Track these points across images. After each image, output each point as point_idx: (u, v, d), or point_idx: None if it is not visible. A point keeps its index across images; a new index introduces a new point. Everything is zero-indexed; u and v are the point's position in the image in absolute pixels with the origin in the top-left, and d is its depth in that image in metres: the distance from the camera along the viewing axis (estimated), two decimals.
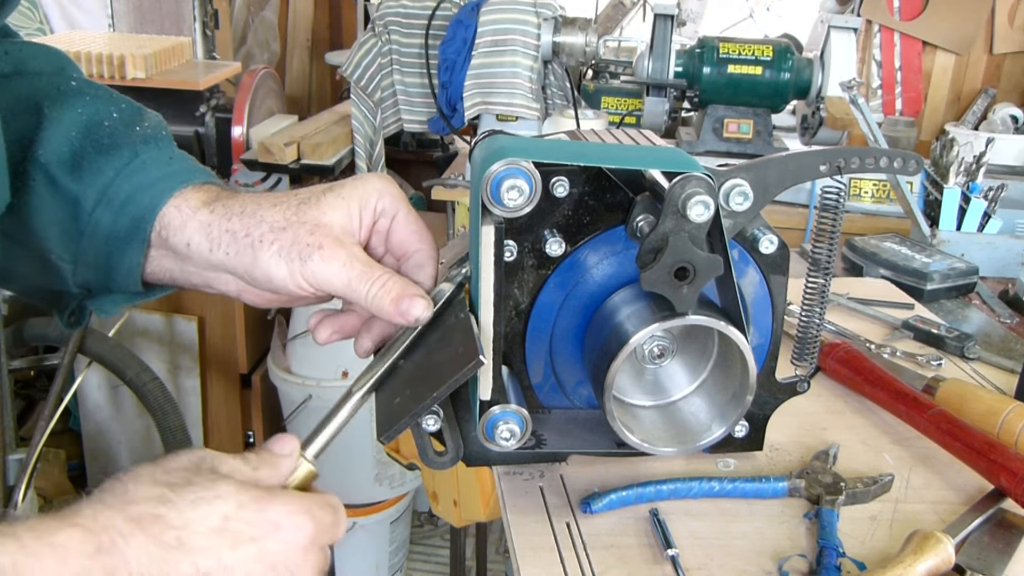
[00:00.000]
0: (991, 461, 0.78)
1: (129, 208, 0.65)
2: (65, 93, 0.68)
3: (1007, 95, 2.85)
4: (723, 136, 2.31)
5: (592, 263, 0.73)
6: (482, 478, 1.40)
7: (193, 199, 0.65)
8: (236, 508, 0.48)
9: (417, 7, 2.29)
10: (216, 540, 0.47)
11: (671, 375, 0.76)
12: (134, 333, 2.32)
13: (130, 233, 0.65)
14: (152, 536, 0.45)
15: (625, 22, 3.17)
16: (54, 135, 0.65)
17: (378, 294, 0.62)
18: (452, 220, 2.36)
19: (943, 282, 1.37)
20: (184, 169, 0.67)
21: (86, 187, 0.65)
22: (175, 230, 0.65)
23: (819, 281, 0.76)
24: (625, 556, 0.71)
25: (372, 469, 2.24)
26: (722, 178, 0.70)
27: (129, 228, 0.65)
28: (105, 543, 0.43)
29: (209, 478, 0.49)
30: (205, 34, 2.64)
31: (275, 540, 0.49)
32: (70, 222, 0.66)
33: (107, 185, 0.65)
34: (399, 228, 0.68)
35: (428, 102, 2.36)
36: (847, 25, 2.24)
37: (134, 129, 0.68)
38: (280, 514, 0.50)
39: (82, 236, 0.66)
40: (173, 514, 0.46)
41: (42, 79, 0.68)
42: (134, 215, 0.65)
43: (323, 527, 0.52)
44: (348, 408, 0.64)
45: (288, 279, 0.62)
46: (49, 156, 0.65)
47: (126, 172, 0.65)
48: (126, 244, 0.65)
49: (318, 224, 0.63)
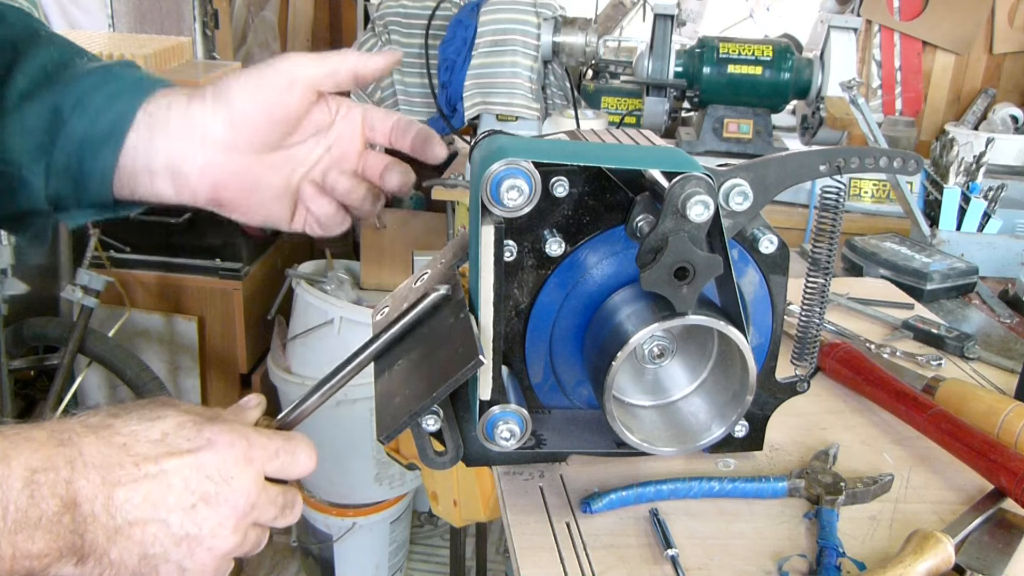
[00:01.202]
0: (991, 461, 0.78)
1: (108, 109, 0.67)
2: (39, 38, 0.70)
3: (1007, 95, 2.85)
4: (723, 136, 2.31)
5: (592, 263, 0.73)
6: (482, 478, 1.40)
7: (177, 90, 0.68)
8: (176, 426, 0.57)
9: (417, 7, 2.30)
10: (156, 448, 0.55)
11: (671, 375, 0.76)
12: (134, 333, 2.32)
13: (107, 133, 0.66)
14: (103, 438, 0.54)
15: (625, 22, 3.17)
16: (30, 65, 0.67)
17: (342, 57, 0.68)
18: (452, 220, 2.36)
19: (943, 282, 1.37)
20: (156, 80, 0.70)
21: (62, 96, 0.67)
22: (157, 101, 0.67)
23: (819, 281, 0.76)
24: (625, 556, 0.71)
25: (372, 469, 2.24)
26: (722, 178, 0.70)
27: (107, 128, 0.66)
28: (65, 439, 0.53)
29: (159, 406, 0.58)
30: (205, 34, 2.64)
31: (209, 453, 0.57)
32: (45, 132, 0.67)
33: (83, 93, 0.67)
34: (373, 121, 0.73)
35: (428, 102, 2.36)
36: (847, 25, 2.24)
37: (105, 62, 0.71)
38: (214, 432, 0.57)
39: (55, 144, 0.67)
40: (119, 423, 0.56)
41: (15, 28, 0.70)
42: (113, 112, 0.66)
43: (259, 447, 0.59)
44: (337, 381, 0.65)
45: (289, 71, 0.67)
46: (26, 77, 0.67)
47: (103, 80, 0.67)
48: (101, 146, 0.67)
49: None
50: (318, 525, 2.32)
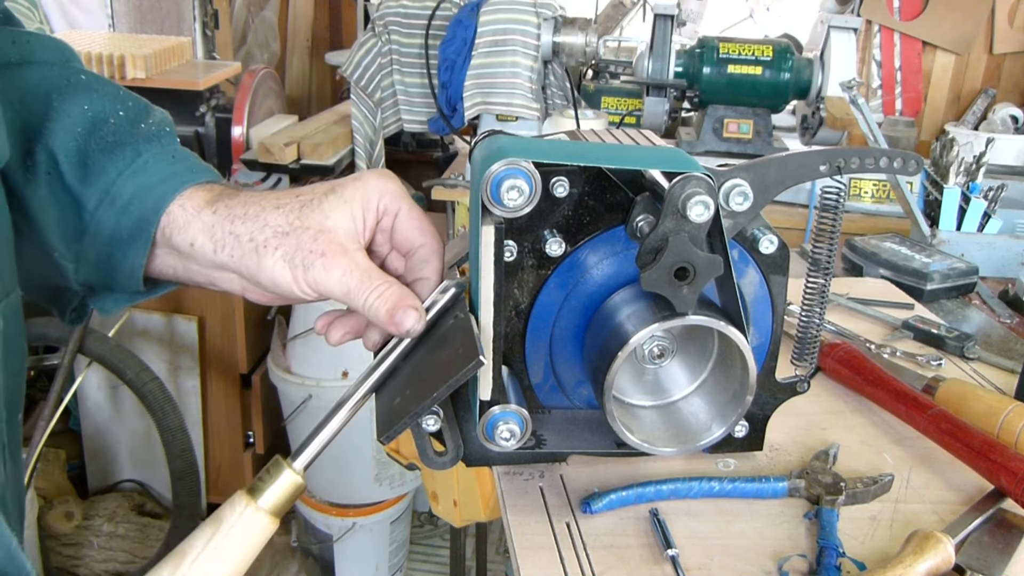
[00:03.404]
0: (991, 461, 0.78)
1: (132, 209, 0.65)
2: (74, 85, 0.68)
3: (1007, 95, 2.85)
4: (723, 136, 2.31)
5: (592, 263, 0.73)
6: (482, 478, 1.40)
7: (196, 198, 0.66)
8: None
9: (417, 7, 2.30)
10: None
11: (671, 375, 0.76)
12: (134, 333, 2.32)
13: (133, 234, 0.65)
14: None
15: (625, 22, 3.17)
16: (61, 129, 0.65)
17: (375, 304, 0.63)
18: (452, 220, 2.36)
19: (943, 282, 1.37)
20: (187, 168, 0.68)
21: (88, 187, 0.65)
22: (178, 229, 0.65)
23: (819, 281, 0.76)
24: (625, 556, 0.71)
25: (372, 469, 2.24)
26: (722, 178, 0.70)
27: (132, 229, 0.65)
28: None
29: None
30: (205, 34, 2.64)
31: None
32: (72, 221, 0.66)
33: (109, 185, 0.65)
34: (402, 225, 0.68)
35: (428, 102, 2.37)
36: (847, 25, 2.24)
37: (139, 127, 0.68)
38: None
39: (84, 236, 0.66)
40: None
41: (52, 69, 0.68)
42: (137, 216, 0.65)
43: None
44: (340, 418, 0.64)
45: (292, 284, 0.63)
46: (56, 150, 0.65)
47: (129, 172, 0.66)
48: (129, 245, 0.66)
49: (321, 230, 0.63)
50: (318, 525, 2.32)
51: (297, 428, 2.28)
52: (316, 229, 0.63)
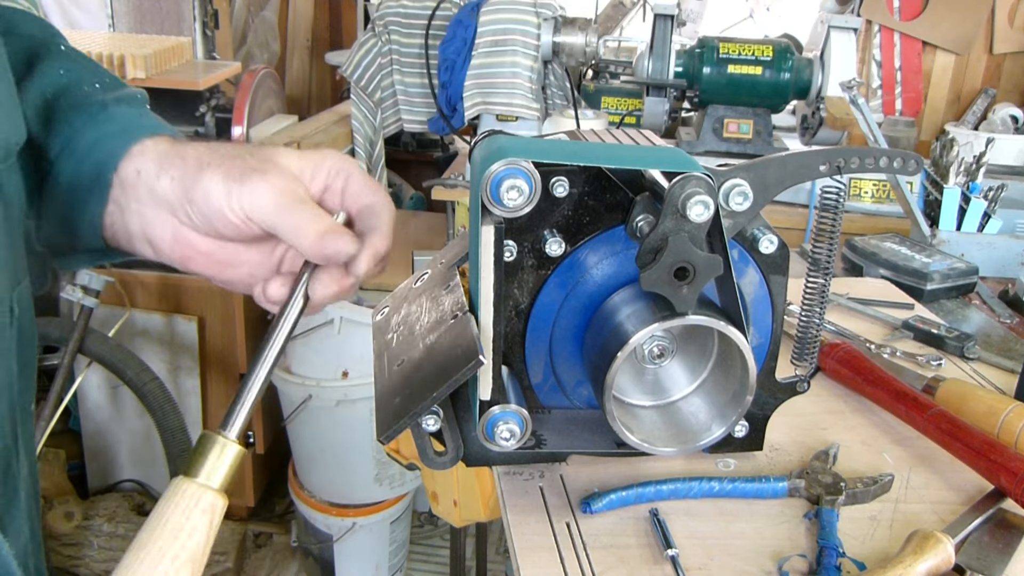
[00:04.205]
0: (991, 461, 0.78)
1: (92, 156, 0.63)
2: (55, 54, 0.67)
3: (1007, 95, 2.85)
4: (723, 136, 2.31)
5: (592, 263, 0.73)
6: (482, 478, 1.40)
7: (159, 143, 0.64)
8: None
9: (417, 7, 2.30)
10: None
11: (671, 375, 0.76)
12: (134, 333, 2.32)
13: (92, 181, 0.64)
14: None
15: (625, 22, 3.17)
16: (34, 87, 0.64)
17: (303, 225, 0.60)
18: (452, 220, 2.36)
19: (943, 282, 1.37)
20: (152, 124, 0.66)
21: (51, 137, 0.64)
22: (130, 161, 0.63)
23: (819, 281, 0.76)
24: (625, 556, 0.71)
25: (372, 469, 2.24)
26: (722, 178, 0.70)
27: (91, 175, 0.64)
28: None
29: None
30: (205, 34, 2.64)
31: None
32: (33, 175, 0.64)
33: (72, 135, 0.64)
34: (354, 186, 0.66)
35: (428, 102, 2.37)
36: (847, 25, 2.24)
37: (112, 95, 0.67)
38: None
39: (44, 188, 0.65)
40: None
41: (34, 40, 0.68)
42: (96, 161, 0.63)
43: None
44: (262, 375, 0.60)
45: (223, 199, 0.60)
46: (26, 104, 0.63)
47: (92, 123, 0.64)
48: (89, 194, 0.64)
49: (269, 159, 0.62)
50: (318, 525, 2.32)
51: (297, 428, 2.28)
52: (264, 158, 0.62)
